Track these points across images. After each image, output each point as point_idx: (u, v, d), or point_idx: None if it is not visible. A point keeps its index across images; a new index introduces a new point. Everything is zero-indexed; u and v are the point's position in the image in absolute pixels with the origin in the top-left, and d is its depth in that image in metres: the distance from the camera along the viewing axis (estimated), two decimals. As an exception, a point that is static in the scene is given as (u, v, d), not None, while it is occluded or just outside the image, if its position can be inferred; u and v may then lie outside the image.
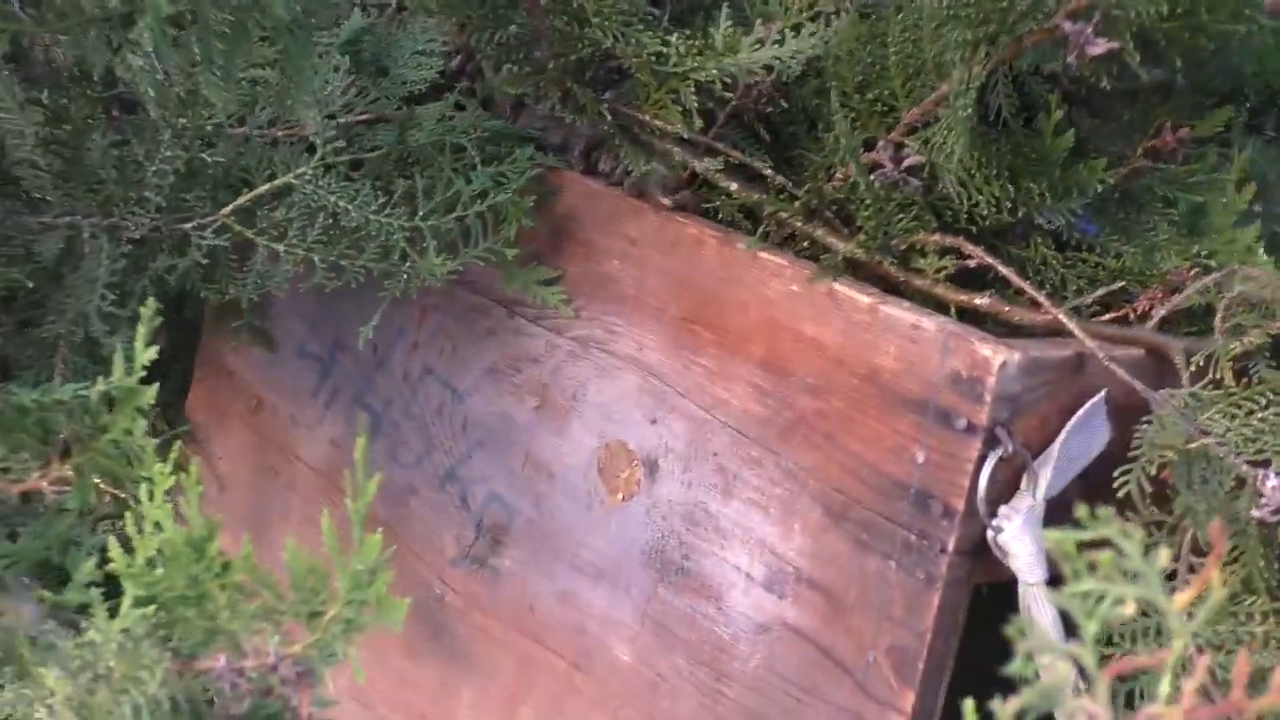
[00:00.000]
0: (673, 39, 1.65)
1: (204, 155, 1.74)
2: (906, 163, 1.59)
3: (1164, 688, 0.70)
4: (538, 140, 1.81)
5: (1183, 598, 0.72)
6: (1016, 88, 1.63)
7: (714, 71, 1.62)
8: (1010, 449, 1.39)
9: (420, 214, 1.75)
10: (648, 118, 1.69)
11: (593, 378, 1.75)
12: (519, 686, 1.82)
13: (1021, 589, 1.44)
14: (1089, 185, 1.61)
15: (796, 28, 1.63)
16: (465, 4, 1.73)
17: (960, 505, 1.40)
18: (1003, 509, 1.41)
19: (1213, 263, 1.64)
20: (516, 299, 1.83)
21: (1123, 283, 1.59)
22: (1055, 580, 1.44)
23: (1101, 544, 0.70)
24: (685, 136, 1.67)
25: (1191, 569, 1.47)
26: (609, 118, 1.71)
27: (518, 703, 1.82)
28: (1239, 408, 1.43)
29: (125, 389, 1.43)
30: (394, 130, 1.80)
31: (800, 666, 1.54)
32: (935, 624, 1.43)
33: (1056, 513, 1.43)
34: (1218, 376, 1.47)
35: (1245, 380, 1.47)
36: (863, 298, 1.49)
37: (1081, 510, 0.70)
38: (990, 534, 1.41)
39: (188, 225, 1.76)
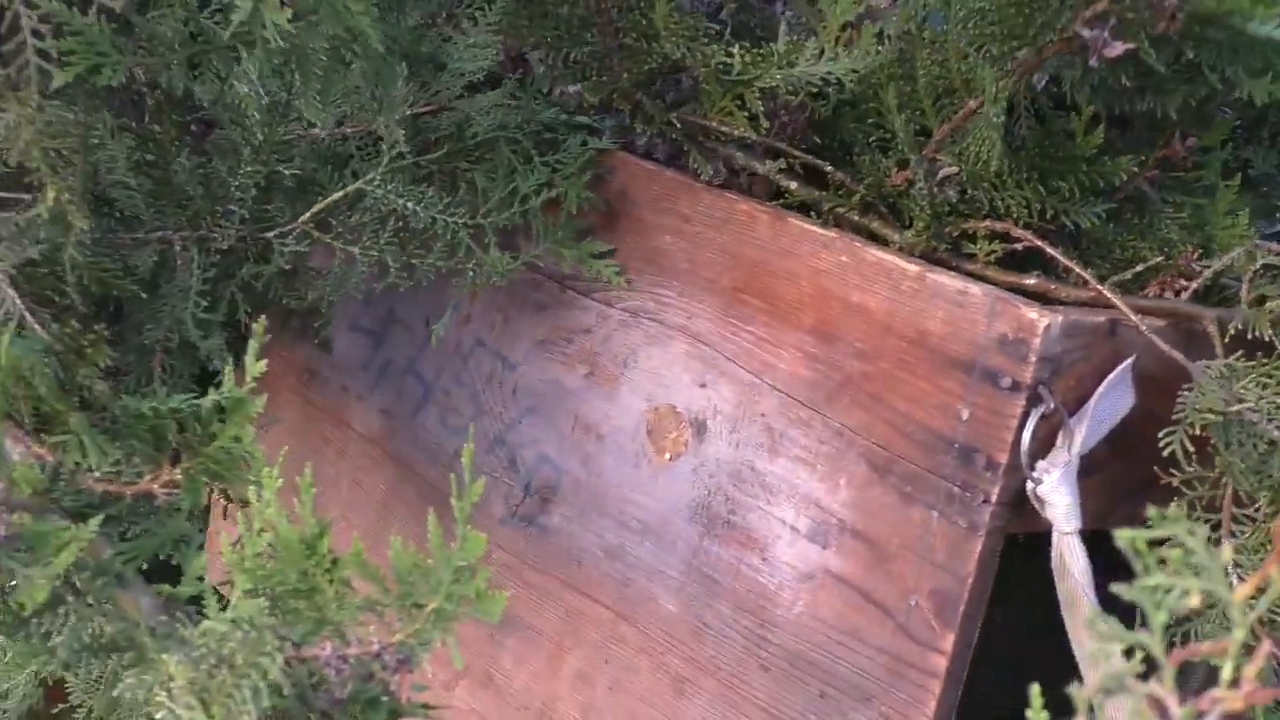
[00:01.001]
0: (735, 50, 1.65)
1: (281, 168, 1.76)
2: (941, 174, 1.61)
3: (1226, 673, 0.71)
4: (590, 125, 1.82)
5: (1243, 590, 0.74)
6: (1036, 97, 1.65)
7: (777, 78, 1.63)
8: (1051, 406, 1.39)
9: (482, 211, 1.76)
10: (714, 124, 1.69)
11: (643, 345, 1.75)
12: (565, 637, 1.81)
13: (1056, 537, 1.45)
14: (1116, 179, 1.62)
15: (846, 44, 1.64)
16: (542, 27, 1.74)
17: (1004, 458, 1.40)
18: (1040, 463, 1.41)
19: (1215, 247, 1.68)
20: (569, 274, 1.83)
21: (1159, 258, 1.61)
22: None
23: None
24: (751, 140, 1.68)
25: (1234, 519, 1.50)
26: (678, 126, 1.72)
27: (564, 652, 1.81)
28: (1270, 378, 1.44)
29: (235, 399, 1.45)
30: (455, 118, 1.80)
31: (843, 611, 1.53)
32: (977, 569, 1.43)
33: (1085, 469, 1.45)
34: (1255, 337, 1.49)
35: (1275, 352, 1.49)
36: (911, 266, 1.49)
37: (1151, 511, 0.72)
38: (1030, 486, 1.41)
39: (270, 234, 1.78)
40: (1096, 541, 1.43)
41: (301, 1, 1.40)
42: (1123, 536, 0.72)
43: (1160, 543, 0.71)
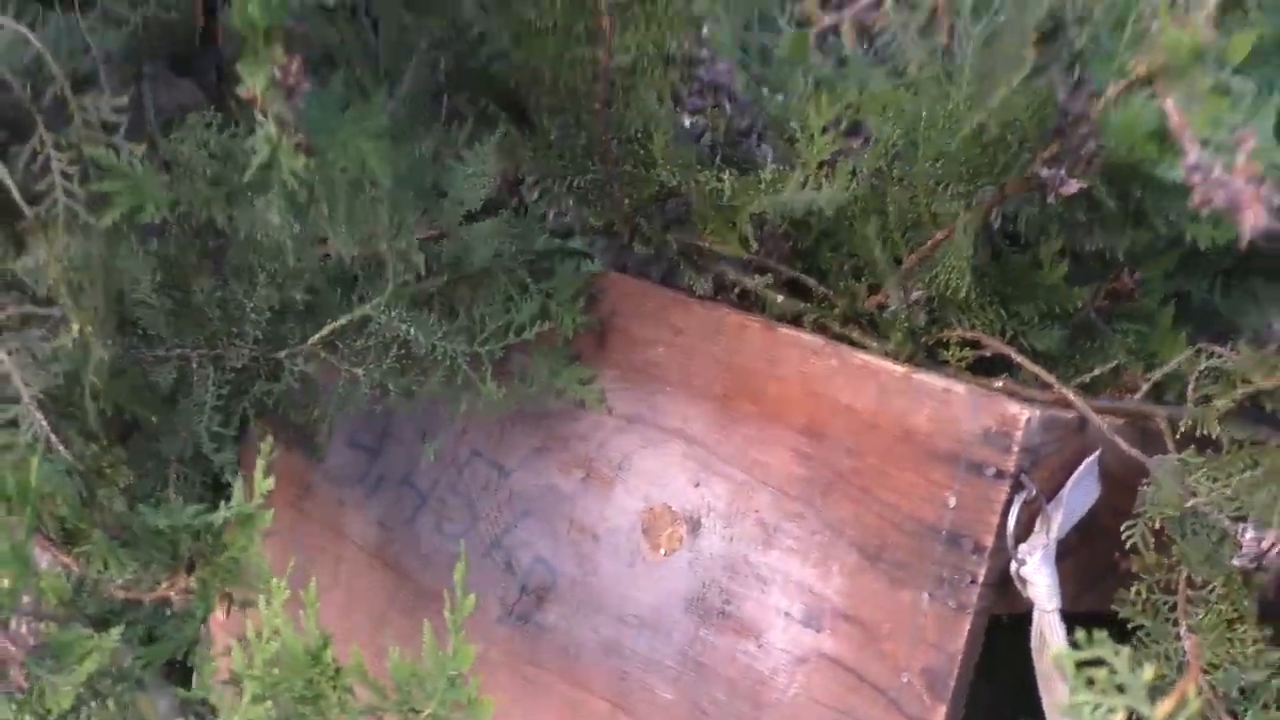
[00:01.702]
0: (726, 177, 1.68)
1: (294, 293, 1.79)
2: (913, 298, 1.67)
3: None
4: (583, 252, 1.86)
5: (1164, 708, 0.80)
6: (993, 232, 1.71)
7: (765, 204, 1.66)
8: (1033, 492, 1.44)
9: (479, 340, 1.79)
10: (707, 244, 1.74)
11: (638, 449, 1.77)
12: (562, 727, 1.83)
13: (1037, 615, 1.49)
14: (1073, 307, 1.69)
15: (825, 176, 1.66)
16: (546, 157, 1.79)
17: (990, 542, 1.44)
18: (1023, 546, 1.45)
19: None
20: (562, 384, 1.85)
21: (1115, 362, 1.68)
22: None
23: None
24: (744, 259, 1.73)
25: (1189, 600, 1.56)
26: (673, 245, 1.77)
27: (561, 742, 1.82)
28: (1220, 472, 1.49)
29: (245, 514, 1.48)
30: (455, 247, 1.82)
31: (837, 692, 1.55)
32: (966, 646, 1.46)
33: (1057, 555, 1.48)
34: (1202, 435, 1.55)
35: (1228, 445, 1.55)
36: (897, 368, 1.54)
37: (1080, 634, 0.78)
38: (1014, 567, 1.45)
39: (281, 354, 1.81)
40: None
41: (316, 141, 1.45)
42: (1053, 656, 0.77)
43: (1091, 662, 0.77)
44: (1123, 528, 1.52)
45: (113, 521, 1.60)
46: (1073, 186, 1.45)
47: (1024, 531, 1.47)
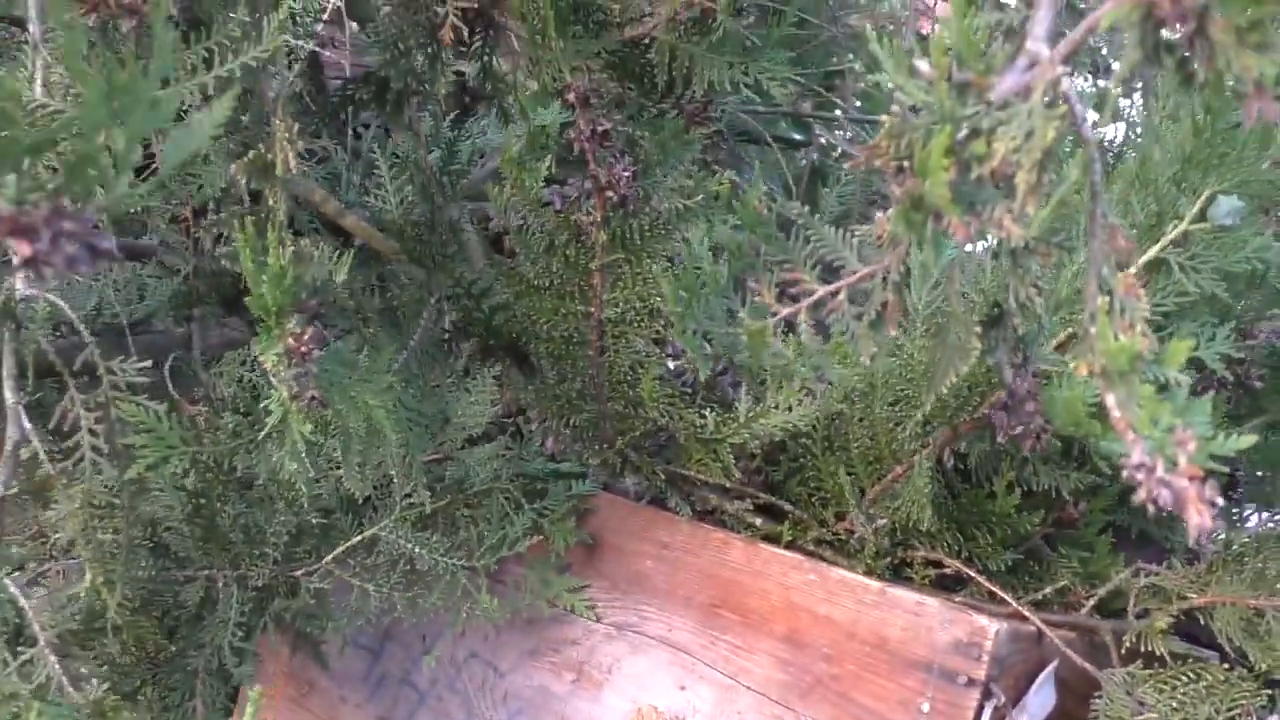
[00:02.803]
0: (709, 413, 1.70)
1: (310, 518, 1.80)
2: (876, 524, 1.68)
3: None
4: (574, 474, 1.85)
5: None
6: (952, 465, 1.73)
7: (746, 435, 1.68)
8: (1001, 700, 1.45)
9: (477, 555, 1.80)
10: (692, 473, 1.76)
11: (627, 655, 1.75)
12: None
13: (1010, 815, 1.52)
14: (1024, 531, 1.71)
15: (789, 408, 1.68)
16: (544, 398, 1.81)
17: None
18: None
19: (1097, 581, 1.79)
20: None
21: (1063, 583, 1.71)
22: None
23: None
24: (726, 486, 1.74)
25: (1142, 798, 1.57)
26: (661, 476, 1.78)
27: None
28: (1165, 684, 1.52)
29: None
30: (458, 471, 1.84)
31: None
32: (945, 841, 1.47)
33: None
34: (1146, 651, 1.58)
35: (1171, 661, 1.57)
36: (873, 583, 1.54)
37: None
38: None
39: (298, 572, 1.81)
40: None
41: (329, 396, 1.48)
42: None
43: None
44: None
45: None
46: (1018, 428, 1.50)
47: None
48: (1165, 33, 0.86)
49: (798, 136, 2.79)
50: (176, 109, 1.35)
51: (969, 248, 1.42)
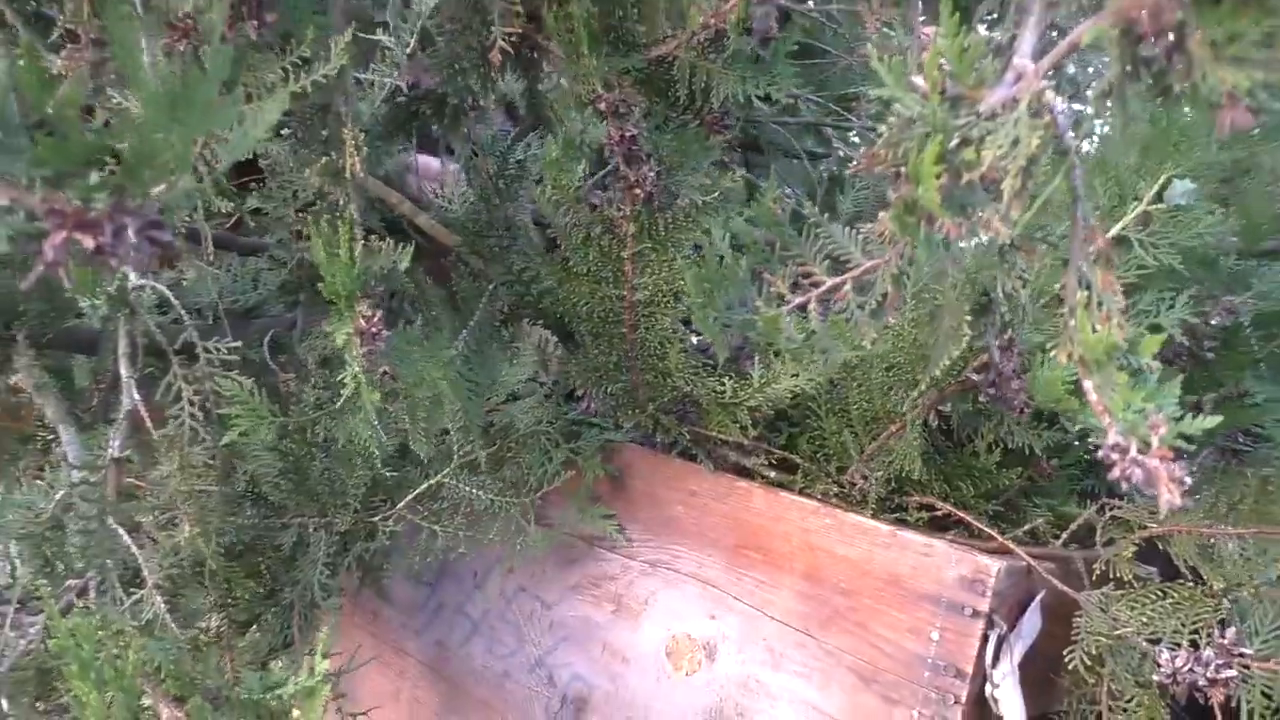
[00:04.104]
0: (727, 381, 1.74)
1: (384, 471, 1.83)
2: (873, 476, 1.72)
3: None
4: (601, 425, 1.90)
5: None
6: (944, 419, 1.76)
7: (760, 399, 1.72)
8: (1004, 628, 1.49)
9: (524, 492, 1.84)
10: (714, 434, 1.79)
11: (661, 588, 1.79)
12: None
13: (1007, 728, 1.55)
14: (1003, 485, 1.75)
15: (796, 374, 1.73)
16: (586, 369, 1.84)
17: (970, 668, 1.48)
18: (994, 672, 1.49)
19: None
20: (595, 535, 1.88)
21: (1039, 521, 1.74)
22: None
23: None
24: (743, 444, 1.78)
25: (1110, 709, 1.65)
26: (687, 436, 1.81)
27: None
28: (1136, 602, 1.55)
29: (309, 688, 1.55)
30: (504, 420, 1.86)
31: (843, 791, 1.55)
32: (952, 754, 1.50)
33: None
34: (1115, 576, 1.63)
35: (1136, 583, 1.61)
36: (884, 526, 1.57)
37: None
38: (989, 689, 1.49)
39: (376, 518, 1.85)
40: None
41: (401, 371, 1.53)
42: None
43: None
44: (1064, 652, 1.59)
45: (212, 690, 1.66)
46: (1015, 414, 1.55)
47: (993, 659, 1.52)
48: (1143, 48, 0.86)
49: (819, 150, 2.86)
50: (236, 114, 1.40)
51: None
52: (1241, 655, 1.48)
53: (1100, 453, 0.92)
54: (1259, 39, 0.82)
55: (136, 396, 1.60)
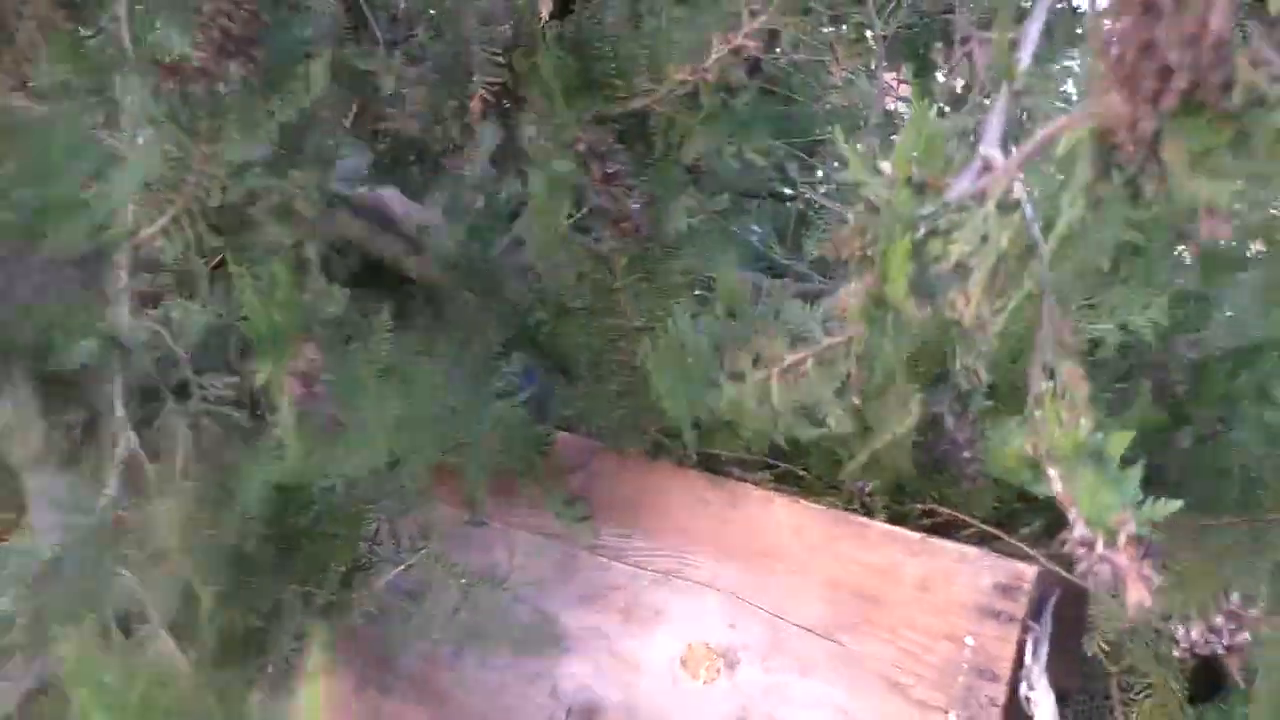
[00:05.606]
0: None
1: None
2: (867, 489, 1.69)
3: None
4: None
5: None
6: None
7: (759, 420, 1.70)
8: (1037, 632, 1.50)
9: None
10: (722, 454, 1.76)
11: (672, 598, 1.73)
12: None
13: (1042, 730, 1.54)
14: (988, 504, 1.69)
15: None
16: (589, 401, 1.81)
17: (1005, 672, 1.47)
18: (1030, 675, 1.49)
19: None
20: (597, 544, 1.81)
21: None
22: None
23: None
24: (745, 460, 1.75)
25: (1120, 688, 1.66)
26: (693, 457, 1.77)
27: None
28: None
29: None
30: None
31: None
32: (989, 757, 1.49)
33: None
34: None
35: None
36: (914, 534, 1.56)
37: None
38: (1024, 691, 1.48)
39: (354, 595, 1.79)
40: None
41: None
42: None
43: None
44: (1083, 639, 1.61)
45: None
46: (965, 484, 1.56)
47: (1031, 662, 1.51)
48: (1117, 155, 0.83)
49: (788, 191, 2.97)
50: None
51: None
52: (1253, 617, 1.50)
53: (1066, 546, 0.91)
54: (1232, 144, 0.80)
55: (134, 437, 1.50)
